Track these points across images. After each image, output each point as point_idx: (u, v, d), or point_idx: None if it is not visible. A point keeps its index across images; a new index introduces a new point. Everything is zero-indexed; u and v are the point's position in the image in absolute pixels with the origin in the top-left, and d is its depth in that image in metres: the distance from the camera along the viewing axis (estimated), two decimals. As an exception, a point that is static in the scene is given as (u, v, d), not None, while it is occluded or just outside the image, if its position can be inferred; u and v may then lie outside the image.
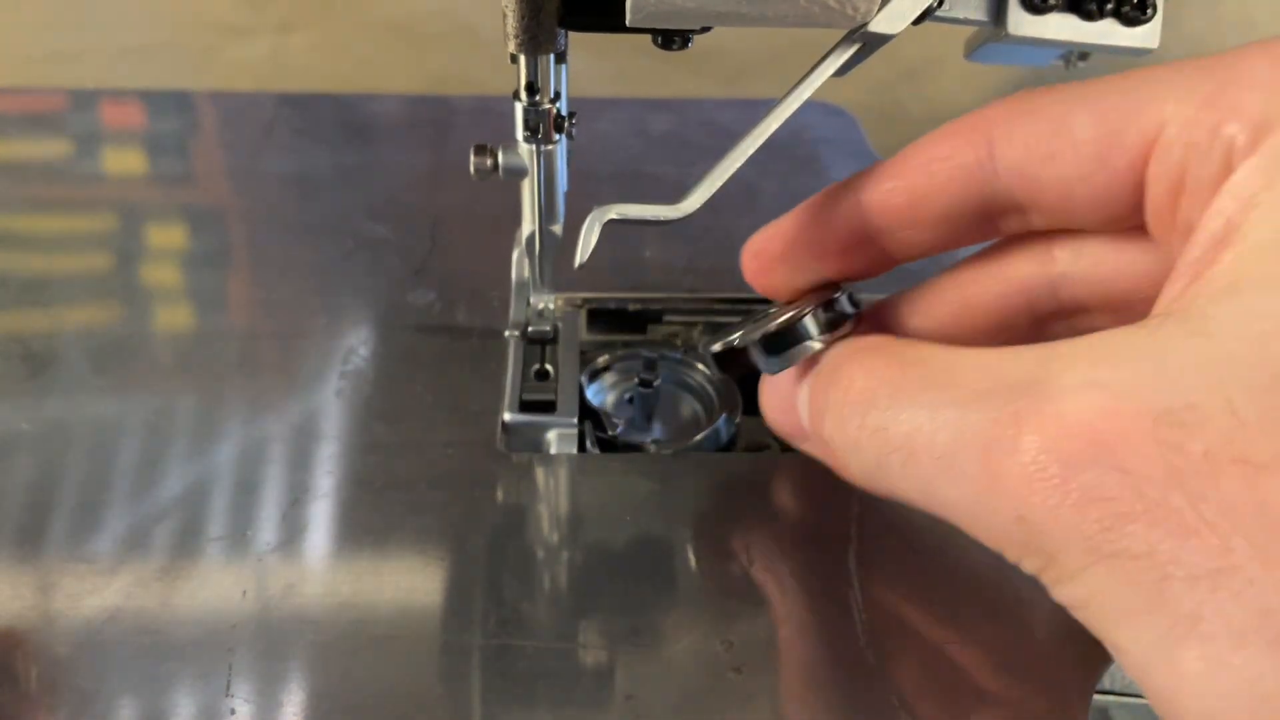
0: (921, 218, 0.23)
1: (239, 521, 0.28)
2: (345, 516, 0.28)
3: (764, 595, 0.26)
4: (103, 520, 0.28)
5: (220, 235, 0.39)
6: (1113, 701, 0.28)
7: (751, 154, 0.24)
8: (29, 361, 0.33)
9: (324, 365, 0.33)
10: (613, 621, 0.25)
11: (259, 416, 0.31)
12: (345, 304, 0.35)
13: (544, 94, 0.26)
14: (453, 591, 0.26)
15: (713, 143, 0.45)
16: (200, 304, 0.36)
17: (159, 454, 0.30)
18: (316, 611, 0.25)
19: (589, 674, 0.24)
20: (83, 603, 0.25)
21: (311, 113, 0.46)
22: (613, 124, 0.46)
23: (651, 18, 0.21)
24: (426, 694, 0.24)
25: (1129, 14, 0.23)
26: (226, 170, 0.43)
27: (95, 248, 0.39)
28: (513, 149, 0.28)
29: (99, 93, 0.47)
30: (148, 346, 0.34)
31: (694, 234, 0.39)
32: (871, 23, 0.21)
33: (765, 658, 0.24)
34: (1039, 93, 0.21)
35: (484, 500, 0.29)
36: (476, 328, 0.34)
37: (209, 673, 0.24)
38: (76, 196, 0.41)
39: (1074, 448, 0.17)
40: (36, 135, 0.45)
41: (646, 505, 0.28)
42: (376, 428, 0.31)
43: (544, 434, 0.31)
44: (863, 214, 0.23)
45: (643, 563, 0.27)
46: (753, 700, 0.24)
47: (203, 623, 0.25)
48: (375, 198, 0.41)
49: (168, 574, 0.26)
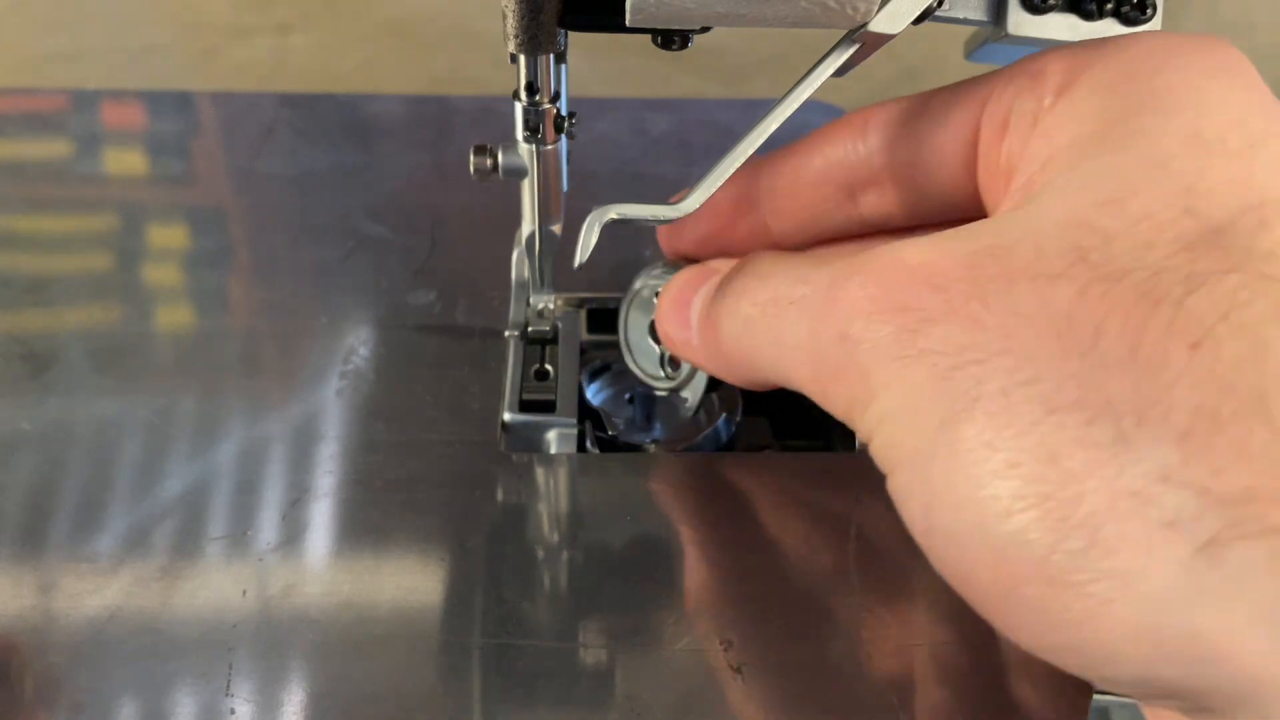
0: (798, 189, 0.26)
1: (239, 521, 0.28)
2: (345, 516, 0.28)
3: (764, 595, 0.26)
4: (103, 520, 0.28)
5: (221, 235, 0.39)
6: (1113, 701, 0.28)
7: (751, 154, 0.24)
8: (30, 361, 0.33)
9: (324, 365, 0.33)
10: (613, 621, 0.25)
11: (259, 416, 0.31)
12: (345, 304, 0.35)
13: (544, 94, 0.26)
14: (453, 591, 0.26)
15: (713, 143, 0.45)
16: (201, 304, 0.36)
17: (159, 454, 0.30)
18: (316, 611, 0.25)
19: (589, 674, 0.24)
20: (83, 602, 0.25)
21: (312, 113, 0.46)
22: (613, 124, 0.46)
23: (651, 18, 0.21)
24: (426, 694, 0.24)
25: (1129, 14, 0.23)
26: (227, 170, 0.43)
27: (96, 248, 0.39)
28: (512, 149, 0.28)
29: (100, 93, 0.47)
30: (148, 346, 0.34)
31: (694, 234, 0.39)
32: (871, 23, 0.21)
33: (765, 658, 0.24)
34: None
35: (484, 500, 0.29)
36: (476, 328, 0.34)
37: (209, 672, 0.24)
38: (77, 196, 0.41)
39: (897, 275, 0.20)
40: (37, 135, 0.45)
41: (646, 505, 0.28)
42: (376, 428, 0.31)
43: (544, 434, 0.31)
44: (750, 183, 0.27)
45: (643, 563, 0.27)
46: (753, 700, 0.24)
47: (203, 622, 0.25)
48: (375, 198, 0.41)
49: (168, 574, 0.26)
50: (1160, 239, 0.18)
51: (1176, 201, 0.18)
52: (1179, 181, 0.19)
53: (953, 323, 0.19)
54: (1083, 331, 0.17)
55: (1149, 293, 0.17)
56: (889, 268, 0.20)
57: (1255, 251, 0.17)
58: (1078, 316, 0.18)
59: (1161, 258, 0.18)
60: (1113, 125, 0.20)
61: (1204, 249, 0.17)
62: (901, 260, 0.20)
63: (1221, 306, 0.17)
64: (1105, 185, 0.19)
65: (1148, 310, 0.17)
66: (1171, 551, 0.16)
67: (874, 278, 0.20)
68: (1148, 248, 0.18)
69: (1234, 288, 0.17)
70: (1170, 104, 0.20)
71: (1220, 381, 0.16)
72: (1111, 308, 0.17)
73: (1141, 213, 0.18)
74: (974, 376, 0.18)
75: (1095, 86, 0.21)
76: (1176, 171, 0.19)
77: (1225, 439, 0.16)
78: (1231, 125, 0.19)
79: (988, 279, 0.19)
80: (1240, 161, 0.19)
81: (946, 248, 0.20)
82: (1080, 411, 0.17)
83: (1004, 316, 0.18)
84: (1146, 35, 0.22)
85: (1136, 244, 0.18)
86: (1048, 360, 0.17)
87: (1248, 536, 0.15)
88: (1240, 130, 0.19)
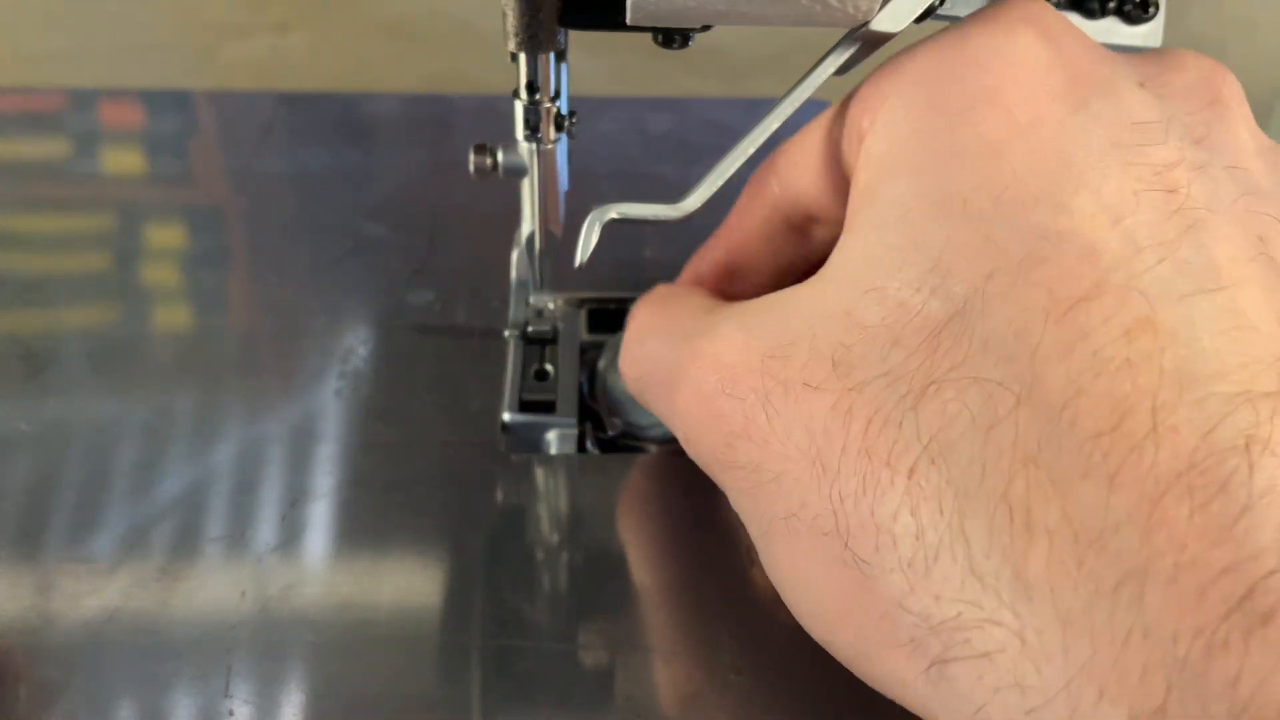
0: (754, 250, 0.27)
1: (238, 522, 0.28)
2: (345, 517, 0.28)
3: (764, 595, 0.26)
4: (102, 520, 0.27)
5: (219, 235, 0.39)
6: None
7: (752, 154, 0.24)
8: (28, 361, 0.33)
9: (323, 365, 0.33)
10: (613, 621, 0.25)
11: (258, 417, 0.31)
12: (345, 304, 0.35)
13: (544, 93, 0.25)
14: (452, 592, 0.26)
15: (713, 143, 0.45)
16: (199, 304, 0.36)
17: (158, 454, 0.29)
18: (316, 612, 0.25)
19: (589, 674, 0.24)
20: (82, 603, 0.25)
21: (311, 112, 0.46)
22: (613, 124, 0.46)
23: (651, 17, 0.21)
24: (426, 695, 0.24)
25: (1131, 12, 0.23)
26: (226, 170, 0.43)
27: (94, 247, 0.39)
28: (512, 148, 0.28)
29: (98, 92, 0.47)
30: (147, 346, 0.34)
31: (694, 234, 0.39)
32: (873, 21, 0.21)
33: (765, 658, 0.24)
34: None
35: (484, 500, 0.28)
36: (476, 328, 0.34)
37: (208, 673, 0.24)
38: (75, 196, 0.41)
39: (711, 380, 0.21)
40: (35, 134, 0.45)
41: (646, 505, 0.28)
42: (376, 428, 0.31)
43: (544, 434, 0.31)
44: (724, 261, 0.28)
45: (642, 563, 0.27)
46: (753, 701, 0.24)
47: (202, 623, 0.25)
48: (375, 197, 0.41)
49: (167, 574, 0.26)
50: (906, 332, 0.18)
51: (926, 282, 0.18)
52: (929, 254, 0.19)
53: (750, 439, 0.20)
54: (830, 455, 0.19)
55: (880, 408, 0.18)
56: (705, 370, 0.21)
57: (977, 339, 0.17)
58: (830, 435, 0.19)
59: (902, 359, 0.18)
60: (894, 173, 0.20)
61: (943, 342, 0.18)
62: (717, 359, 0.21)
63: (933, 426, 0.17)
64: (874, 260, 0.19)
65: (878, 430, 0.18)
66: (916, 665, 0.18)
67: (696, 379, 0.22)
68: (894, 345, 0.18)
69: (946, 400, 0.17)
70: (939, 146, 0.20)
71: (929, 510, 0.17)
72: (851, 425, 0.18)
73: (895, 300, 0.19)
74: (768, 497, 0.20)
75: (897, 108, 0.21)
76: (928, 243, 0.19)
77: (939, 568, 0.17)
78: (982, 170, 0.19)
79: (772, 386, 0.20)
80: (980, 222, 0.18)
81: (750, 344, 0.21)
82: (836, 539, 0.18)
83: (782, 435, 0.19)
84: (953, 34, 0.21)
85: (886, 341, 0.19)
86: (810, 486, 0.19)
87: (960, 659, 0.17)
88: (988, 182, 0.19)
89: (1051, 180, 0.18)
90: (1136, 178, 0.18)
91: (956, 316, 0.18)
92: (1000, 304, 0.17)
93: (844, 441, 0.18)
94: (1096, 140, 0.19)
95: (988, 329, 0.17)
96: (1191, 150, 0.19)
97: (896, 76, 0.21)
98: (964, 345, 0.18)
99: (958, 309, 0.18)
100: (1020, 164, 0.19)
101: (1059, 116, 0.19)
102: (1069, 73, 0.20)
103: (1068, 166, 0.18)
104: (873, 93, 0.22)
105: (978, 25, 0.21)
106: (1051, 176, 0.18)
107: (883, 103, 0.21)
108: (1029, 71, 0.20)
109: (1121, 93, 0.19)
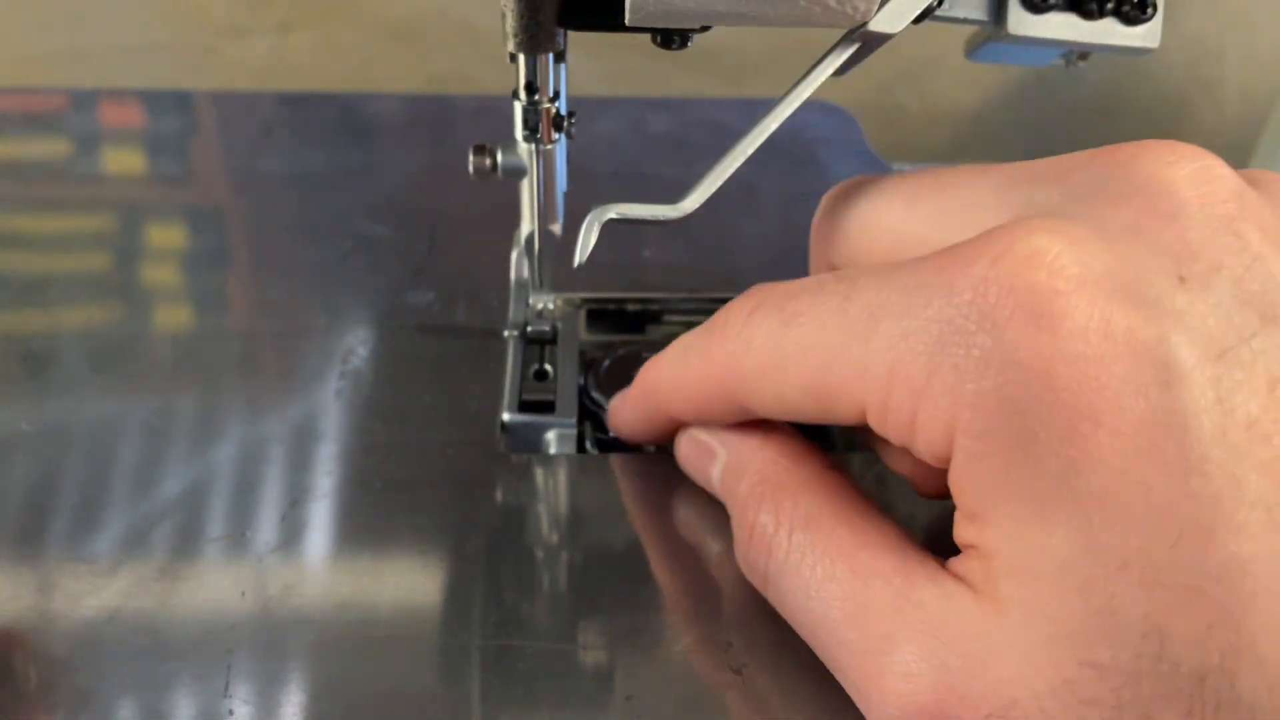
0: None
1: (238, 522, 0.28)
2: (345, 517, 0.28)
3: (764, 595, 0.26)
4: (102, 520, 0.28)
5: (220, 235, 0.39)
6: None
7: (751, 154, 0.24)
8: (29, 362, 0.33)
9: (323, 365, 0.33)
10: (613, 621, 0.25)
11: (258, 417, 0.31)
12: (345, 304, 0.35)
13: (543, 93, 0.25)
14: (452, 592, 0.26)
15: (713, 143, 0.45)
16: (200, 304, 0.36)
17: (158, 454, 0.29)
18: (316, 612, 0.25)
19: (589, 674, 0.24)
20: (82, 603, 0.25)
21: (311, 113, 0.46)
22: (612, 124, 0.46)
23: (651, 17, 0.21)
24: (426, 694, 0.24)
25: (1129, 13, 0.23)
26: (226, 170, 0.43)
27: (95, 248, 0.39)
28: (512, 149, 0.28)
29: (98, 92, 0.47)
30: (147, 347, 0.34)
31: (694, 234, 0.39)
32: (871, 22, 0.21)
33: (765, 658, 0.24)
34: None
35: (484, 500, 0.28)
36: (476, 328, 0.34)
37: (208, 673, 0.24)
38: (76, 196, 0.41)
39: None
40: (35, 135, 0.45)
41: (646, 505, 0.28)
42: (376, 428, 0.31)
43: (543, 434, 0.31)
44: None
45: (642, 563, 0.27)
46: (753, 700, 0.24)
47: (202, 623, 0.25)
48: (375, 197, 0.41)
49: (167, 574, 0.26)
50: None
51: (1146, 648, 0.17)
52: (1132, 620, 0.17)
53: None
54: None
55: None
56: (908, 711, 0.20)
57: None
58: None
59: None
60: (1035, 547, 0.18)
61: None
62: (918, 701, 0.20)
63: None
64: (1075, 634, 0.18)
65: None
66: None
67: (898, 710, 0.20)
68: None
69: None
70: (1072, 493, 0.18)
71: None
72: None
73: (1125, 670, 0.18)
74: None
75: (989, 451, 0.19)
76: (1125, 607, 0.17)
77: None
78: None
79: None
80: (1172, 573, 0.17)
81: (959, 681, 0.19)
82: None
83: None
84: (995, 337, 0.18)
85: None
86: None
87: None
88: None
89: (1214, 506, 0.17)
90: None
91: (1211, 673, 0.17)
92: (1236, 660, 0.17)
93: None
94: (1214, 420, 0.17)
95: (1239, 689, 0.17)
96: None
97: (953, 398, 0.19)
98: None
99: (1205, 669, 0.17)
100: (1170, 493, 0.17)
101: (1164, 407, 0.17)
102: (1139, 315, 0.18)
103: (1212, 482, 0.17)
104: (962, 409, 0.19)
105: (1018, 326, 0.18)
106: (1211, 501, 0.17)
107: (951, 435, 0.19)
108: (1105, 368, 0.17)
109: (1187, 318, 0.18)
